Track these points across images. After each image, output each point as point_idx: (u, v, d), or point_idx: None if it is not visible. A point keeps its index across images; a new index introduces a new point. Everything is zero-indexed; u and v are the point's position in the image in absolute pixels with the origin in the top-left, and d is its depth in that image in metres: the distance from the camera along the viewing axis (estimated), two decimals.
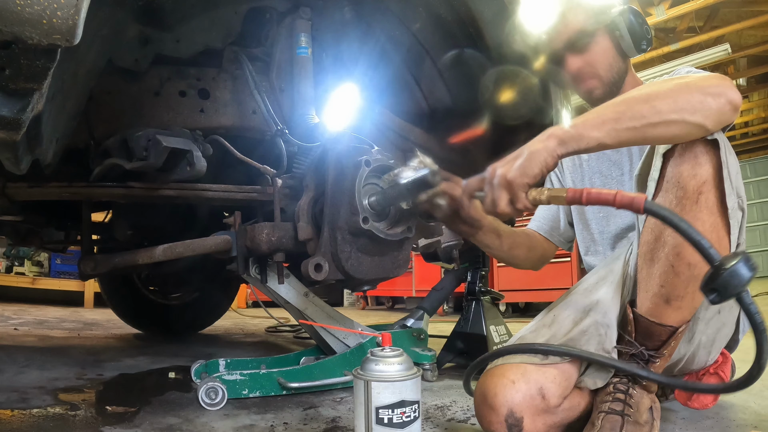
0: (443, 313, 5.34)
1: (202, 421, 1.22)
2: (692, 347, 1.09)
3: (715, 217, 0.92)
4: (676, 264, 0.94)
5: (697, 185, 0.92)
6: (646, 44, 1.25)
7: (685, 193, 0.92)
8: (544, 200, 0.89)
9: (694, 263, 0.92)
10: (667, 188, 0.95)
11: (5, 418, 1.19)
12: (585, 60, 1.26)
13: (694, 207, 0.92)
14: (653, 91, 0.91)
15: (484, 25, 1.61)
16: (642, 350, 1.01)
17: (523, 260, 1.39)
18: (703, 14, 5.31)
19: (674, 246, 0.94)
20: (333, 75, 1.67)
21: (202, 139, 1.37)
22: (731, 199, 0.92)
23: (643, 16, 1.26)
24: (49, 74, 0.68)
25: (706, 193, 0.91)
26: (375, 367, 0.84)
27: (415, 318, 1.84)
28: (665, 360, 1.02)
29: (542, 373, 1.01)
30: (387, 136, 1.77)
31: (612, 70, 1.26)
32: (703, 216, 0.92)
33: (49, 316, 3.80)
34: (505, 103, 1.80)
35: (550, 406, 1.00)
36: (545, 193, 0.89)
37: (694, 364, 1.14)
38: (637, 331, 1.02)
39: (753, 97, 7.54)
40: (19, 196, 1.37)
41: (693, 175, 0.92)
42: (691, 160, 0.92)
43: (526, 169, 0.90)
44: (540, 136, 0.93)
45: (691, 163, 0.92)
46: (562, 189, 0.87)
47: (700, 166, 0.92)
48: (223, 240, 1.45)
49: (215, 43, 1.49)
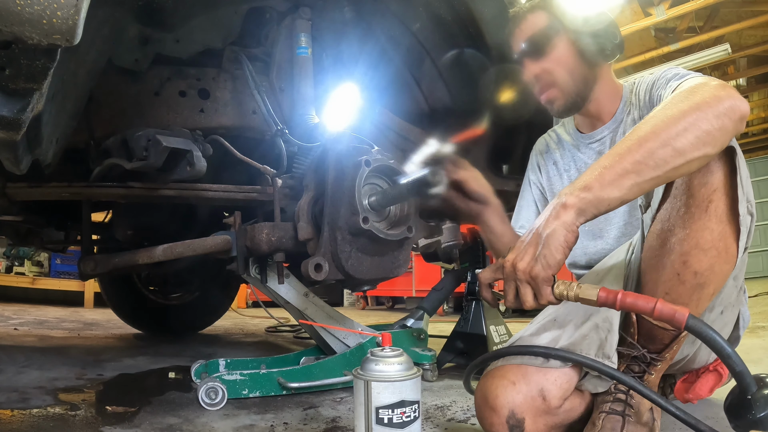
0: (443, 313, 5.34)
1: (202, 421, 1.22)
2: (695, 347, 1.09)
3: (724, 225, 0.90)
4: (683, 272, 0.93)
5: (708, 193, 0.89)
6: (612, 49, 1.15)
7: (695, 201, 0.90)
8: (572, 297, 0.82)
9: (700, 272, 0.91)
10: (675, 195, 0.93)
11: (5, 418, 1.19)
12: (542, 66, 1.18)
13: (704, 216, 0.90)
14: (667, 124, 0.83)
15: (484, 25, 1.62)
16: (644, 353, 1.00)
17: None
18: (703, 14, 5.31)
19: (681, 254, 0.92)
20: (333, 75, 1.67)
21: (202, 139, 1.37)
22: (742, 205, 0.90)
23: (609, 18, 1.17)
24: (49, 74, 0.68)
25: (716, 201, 0.89)
26: (375, 367, 0.84)
27: (415, 318, 1.84)
28: (667, 363, 1.02)
29: (543, 375, 1.00)
30: (387, 136, 1.77)
31: (573, 78, 1.17)
32: (712, 225, 0.89)
33: (49, 316, 3.80)
34: (505, 103, 1.80)
35: (550, 408, 1.00)
36: (573, 289, 0.82)
37: (695, 363, 1.14)
38: (639, 333, 1.01)
39: (753, 97, 7.54)
40: (19, 196, 1.37)
41: (704, 183, 0.89)
42: (702, 168, 0.89)
43: (548, 259, 0.82)
44: (552, 209, 0.84)
45: (702, 171, 0.89)
46: (592, 288, 0.81)
47: (711, 174, 0.89)
48: (223, 240, 1.45)
49: (215, 43, 1.49)
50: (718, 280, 0.94)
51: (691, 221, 0.90)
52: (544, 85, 1.19)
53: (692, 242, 0.91)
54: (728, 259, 0.93)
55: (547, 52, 1.17)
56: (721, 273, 0.94)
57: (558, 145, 1.40)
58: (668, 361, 1.01)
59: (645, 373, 1.01)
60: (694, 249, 0.91)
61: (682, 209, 0.92)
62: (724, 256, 0.92)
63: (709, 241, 0.90)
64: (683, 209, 0.91)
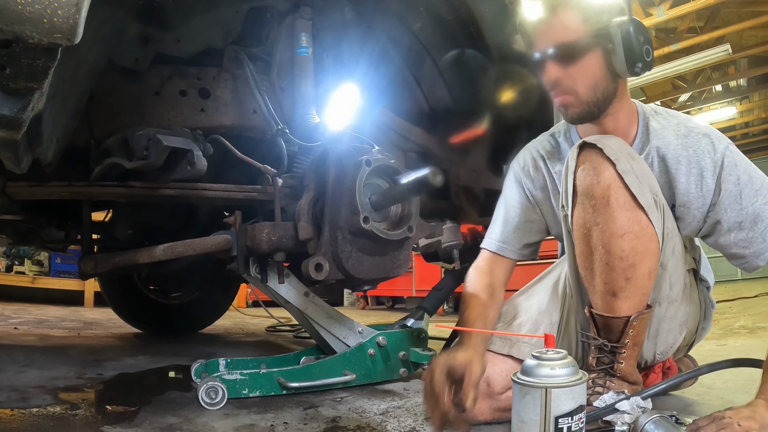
0: (443, 312, 5.35)
1: (202, 420, 1.22)
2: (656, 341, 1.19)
3: (631, 212, 1.02)
4: (610, 261, 1.03)
5: (603, 190, 1.02)
6: (642, 67, 1.07)
7: (596, 200, 1.03)
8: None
9: (624, 255, 1.02)
10: (580, 201, 1.06)
11: (5, 417, 1.19)
12: (566, 72, 1.09)
13: (608, 208, 1.02)
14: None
15: (484, 25, 1.61)
16: (604, 342, 1.09)
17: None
18: (704, 14, 5.31)
19: (603, 245, 1.03)
20: (333, 75, 1.67)
21: (202, 139, 1.37)
22: (645, 196, 1.02)
23: (646, 33, 1.07)
24: (50, 73, 0.68)
25: (614, 195, 1.01)
26: (550, 372, 0.77)
27: (416, 318, 1.83)
28: (632, 350, 1.08)
29: (491, 365, 1.12)
30: (387, 136, 1.77)
31: (596, 91, 1.10)
32: (618, 214, 1.01)
33: (49, 315, 3.80)
34: (505, 103, 1.80)
35: (494, 393, 1.13)
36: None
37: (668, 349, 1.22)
38: (598, 327, 1.11)
39: (753, 98, 7.54)
40: (20, 195, 1.37)
41: (596, 183, 1.03)
42: (589, 172, 1.04)
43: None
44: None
45: (591, 174, 1.03)
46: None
47: (600, 174, 1.02)
48: (223, 239, 1.45)
49: (216, 43, 1.49)
50: (647, 258, 1.04)
51: (600, 217, 1.03)
52: (562, 90, 1.11)
53: (608, 233, 1.02)
54: (649, 238, 1.03)
55: (576, 60, 1.08)
56: (648, 251, 1.04)
57: (561, 155, 1.29)
58: (632, 349, 1.08)
59: (614, 363, 1.09)
60: (612, 238, 1.02)
61: (589, 210, 1.04)
62: (643, 236, 1.03)
63: (622, 227, 1.02)
64: (591, 210, 1.04)
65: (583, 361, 1.22)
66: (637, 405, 0.95)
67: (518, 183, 1.33)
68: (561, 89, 1.11)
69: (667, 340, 1.19)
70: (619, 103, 1.15)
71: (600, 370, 1.10)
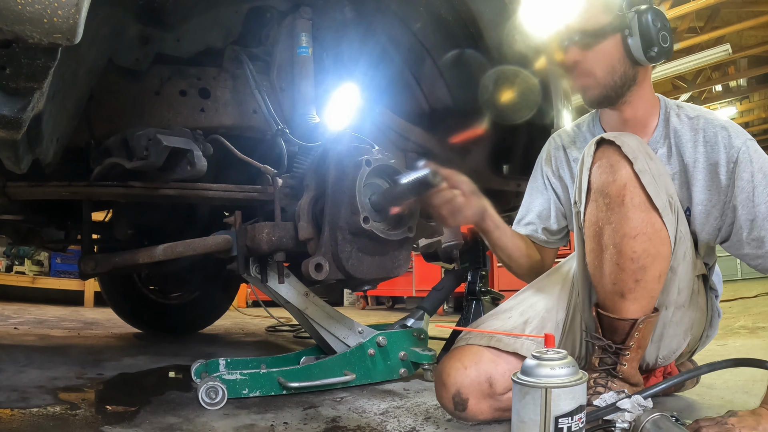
0: (443, 312, 5.34)
1: (202, 420, 1.22)
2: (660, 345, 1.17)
3: (646, 213, 1.00)
4: (620, 261, 1.01)
5: (619, 189, 1.00)
6: (658, 52, 1.09)
7: (611, 199, 1.01)
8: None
9: (636, 257, 1.00)
10: (594, 198, 1.04)
11: (5, 417, 1.19)
12: (585, 56, 1.14)
13: (622, 208, 1.00)
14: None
15: (484, 25, 1.61)
16: (609, 343, 1.08)
17: (521, 257, 1.34)
18: (704, 14, 5.32)
19: (615, 245, 1.01)
20: (333, 75, 1.67)
21: (202, 139, 1.37)
22: (660, 197, 1.00)
23: (665, 20, 1.10)
24: (50, 73, 0.68)
25: (629, 194, 1.00)
26: (550, 371, 0.77)
27: (416, 318, 1.83)
28: (635, 352, 1.07)
29: (494, 365, 1.12)
30: (387, 136, 1.77)
31: (614, 74, 1.13)
32: (632, 214, 0.99)
33: (49, 315, 3.80)
34: (505, 103, 1.80)
35: (495, 393, 1.11)
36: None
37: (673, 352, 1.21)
38: (603, 328, 1.10)
39: (753, 98, 7.55)
40: (20, 195, 1.37)
41: (612, 180, 1.01)
42: (606, 169, 1.02)
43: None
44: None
45: (607, 171, 1.02)
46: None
47: (616, 172, 1.01)
48: (223, 239, 1.45)
49: (216, 43, 1.49)
50: (658, 261, 1.02)
51: (613, 215, 1.01)
52: (580, 73, 1.16)
53: (620, 233, 1.01)
54: (661, 241, 1.01)
55: (595, 45, 1.12)
56: (659, 254, 1.02)
57: (581, 144, 1.32)
58: (636, 351, 1.07)
59: (617, 364, 1.08)
60: (624, 238, 1.00)
61: (603, 208, 1.02)
62: (656, 238, 1.01)
63: (635, 228, 0.99)
64: (604, 208, 1.02)
65: (585, 359, 1.22)
66: (637, 404, 0.95)
67: (540, 171, 1.39)
68: (579, 71, 1.16)
69: (670, 345, 1.18)
70: (639, 91, 1.17)
71: (602, 370, 1.09)
